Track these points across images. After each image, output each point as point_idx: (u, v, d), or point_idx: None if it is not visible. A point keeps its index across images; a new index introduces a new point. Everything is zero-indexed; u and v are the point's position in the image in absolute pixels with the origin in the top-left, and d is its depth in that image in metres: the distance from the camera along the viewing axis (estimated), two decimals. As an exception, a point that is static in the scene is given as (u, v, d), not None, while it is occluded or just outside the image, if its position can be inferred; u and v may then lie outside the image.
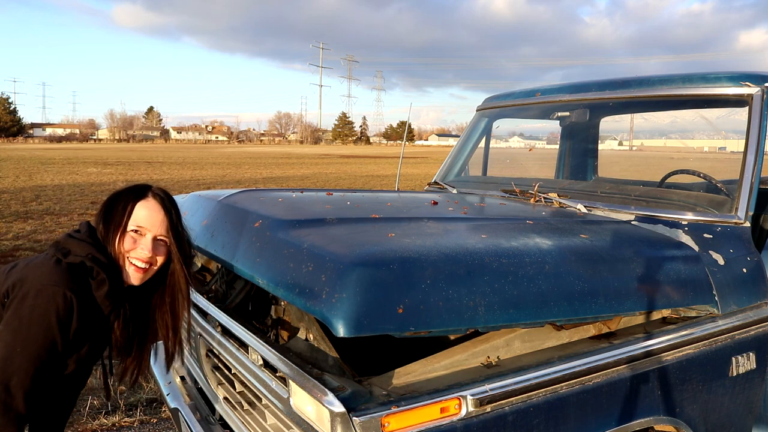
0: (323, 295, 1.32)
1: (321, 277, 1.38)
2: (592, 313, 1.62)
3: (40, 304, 1.39)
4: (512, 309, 1.46)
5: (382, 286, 1.33)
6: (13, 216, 10.22)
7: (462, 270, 1.45)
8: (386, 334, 1.32)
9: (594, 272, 1.67)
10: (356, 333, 1.26)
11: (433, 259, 1.45)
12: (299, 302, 1.39)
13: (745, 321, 1.93)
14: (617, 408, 1.62)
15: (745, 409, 1.99)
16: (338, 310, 1.27)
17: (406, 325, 1.31)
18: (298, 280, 1.43)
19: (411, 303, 1.33)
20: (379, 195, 2.65)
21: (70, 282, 1.43)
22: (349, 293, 1.30)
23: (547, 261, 1.61)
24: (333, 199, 2.30)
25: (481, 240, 1.63)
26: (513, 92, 3.40)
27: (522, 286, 1.50)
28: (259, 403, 1.70)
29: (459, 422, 1.35)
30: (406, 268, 1.39)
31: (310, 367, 1.48)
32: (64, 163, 28.09)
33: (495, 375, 1.44)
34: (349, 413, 1.26)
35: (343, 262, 1.38)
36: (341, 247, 1.49)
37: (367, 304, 1.29)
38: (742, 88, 2.24)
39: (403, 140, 4.21)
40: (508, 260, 1.54)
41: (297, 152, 58.11)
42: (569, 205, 2.49)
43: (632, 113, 3.40)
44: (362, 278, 1.33)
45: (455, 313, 1.37)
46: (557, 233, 1.82)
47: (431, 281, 1.38)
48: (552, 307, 1.53)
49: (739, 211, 2.10)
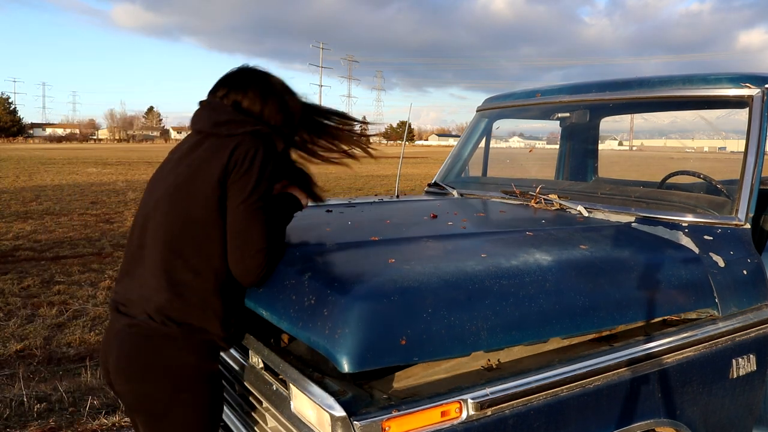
0: (326, 331, 1.33)
1: (323, 311, 1.38)
2: (594, 327, 1.62)
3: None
4: (514, 330, 1.47)
5: (384, 319, 1.33)
6: (13, 216, 10.23)
7: (463, 296, 1.45)
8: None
9: (595, 285, 1.67)
10: (361, 368, 1.27)
11: (433, 286, 1.46)
12: (303, 336, 1.40)
13: (745, 323, 1.93)
14: (618, 411, 1.62)
15: (745, 410, 1.99)
16: (342, 346, 1.28)
17: (410, 355, 1.32)
18: (300, 314, 1.44)
19: (413, 333, 1.34)
20: (379, 208, 2.64)
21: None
22: (351, 329, 1.30)
23: (548, 279, 1.61)
24: (332, 218, 2.30)
25: (481, 260, 1.63)
26: (513, 93, 3.40)
27: (523, 307, 1.51)
28: (260, 406, 1.70)
29: (460, 426, 1.35)
30: (407, 299, 1.39)
31: (310, 370, 1.48)
32: (64, 163, 28.10)
33: (495, 378, 1.44)
34: (349, 417, 1.26)
35: (345, 296, 1.38)
36: (342, 279, 1.49)
37: (370, 338, 1.30)
38: (742, 89, 2.24)
39: (403, 140, 4.21)
40: (508, 281, 1.55)
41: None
42: (569, 207, 2.49)
43: (632, 114, 3.40)
44: (364, 313, 1.33)
45: (458, 339, 1.38)
46: (557, 246, 1.82)
47: (433, 310, 1.39)
48: (554, 324, 1.53)
49: (739, 213, 2.10)
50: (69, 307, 5.18)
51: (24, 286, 5.78)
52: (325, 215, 2.36)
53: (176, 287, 1.53)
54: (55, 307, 5.14)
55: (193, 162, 1.59)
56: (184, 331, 1.53)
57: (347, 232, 2.04)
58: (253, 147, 1.55)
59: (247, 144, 1.56)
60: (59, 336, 4.47)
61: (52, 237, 8.33)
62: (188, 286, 1.53)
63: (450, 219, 2.30)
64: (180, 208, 1.55)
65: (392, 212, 2.48)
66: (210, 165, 1.55)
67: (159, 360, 1.52)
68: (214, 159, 1.55)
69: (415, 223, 2.22)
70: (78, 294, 5.57)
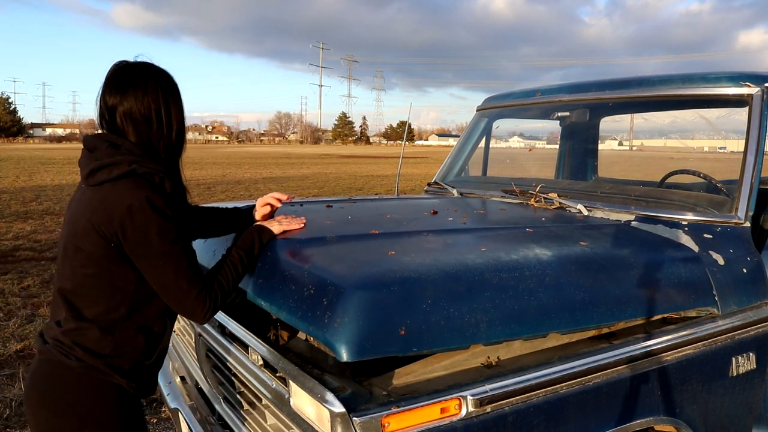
0: (325, 320, 1.33)
1: (322, 300, 1.38)
2: (593, 323, 1.62)
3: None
4: (514, 323, 1.47)
5: (383, 309, 1.33)
6: (13, 216, 10.22)
7: (462, 287, 1.46)
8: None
9: (595, 281, 1.67)
10: (359, 357, 1.27)
11: (433, 277, 1.46)
12: (302, 326, 1.40)
13: (745, 321, 1.93)
14: (617, 408, 1.62)
15: (745, 409, 1.99)
16: (341, 335, 1.28)
17: (409, 346, 1.32)
18: (300, 304, 1.44)
19: (413, 324, 1.34)
20: (379, 204, 2.64)
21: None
22: (350, 317, 1.30)
23: (548, 273, 1.61)
24: (332, 213, 2.30)
25: (481, 254, 1.64)
26: (513, 92, 3.40)
27: (523, 300, 1.51)
28: (259, 403, 1.70)
29: (459, 422, 1.35)
30: (407, 289, 1.39)
31: (310, 367, 1.48)
32: (64, 163, 28.09)
33: (495, 375, 1.45)
34: (349, 413, 1.27)
35: (344, 285, 1.38)
36: (342, 269, 1.49)
37: (369, 327, 1.30)
38: (742, 88, 2.24)
39: (403, 140, 4.21)
40: (508, 274, 1.55)
41: (297, 152, 58.14)
42: (569, 206, 2.49)
43: (632, 113, 3.40)
44: (363, 302, 1.33)
45: (457, 331, 1.38)
46: (557, 242, 1.83)
47: (432, 301, 1.39)
48: (553, 319, 1.53)
49: (739, 212, 2.10)
50: (69, 306, 5.18)
51: (24, 286, 5.77)
52: (326, 210, 2.36)
53: (79, 320, 1.43)
54: (54, 306, 5.14)
55: (75, 216, 1.43)
56: (83, 366, 1.42)
57: (347, 225, 2.04)
58: (137, 195, 1.36)
59: (127, 193, 1.36)
60: (59, 335, 4.47)
61: (52, 237, 8.33)
62: (91, 321, 1.43)
63: (450, 215, 2.31)
64: (76, 262, 1.42)
65: (392, 208, 2.49)
66: (91, 225, 1.38)
67: (60, 393, 1.41)
68: (95, 216, 1.38)
69: (415, 218, 2.22)
70: (78, 293, 5.57)
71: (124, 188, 1.38)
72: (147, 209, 1.36)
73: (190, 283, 1.42)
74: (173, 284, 1.41)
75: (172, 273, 1.40)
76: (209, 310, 1.44)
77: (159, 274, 1.40)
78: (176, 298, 1.43)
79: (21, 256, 7.08)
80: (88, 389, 1.43)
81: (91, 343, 1.43)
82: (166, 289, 1.42)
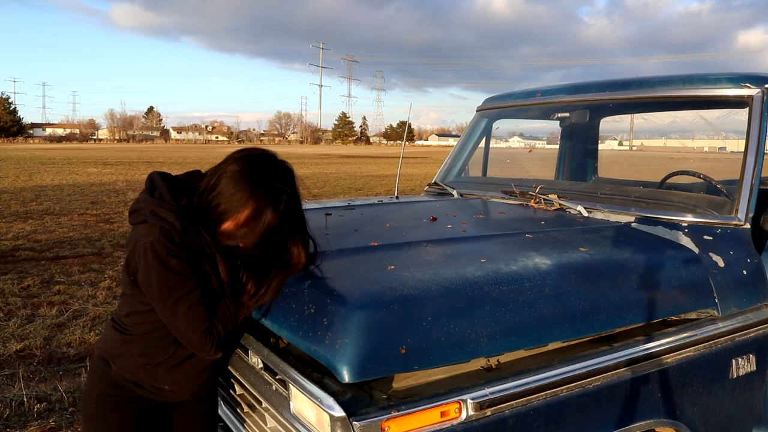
0: (326, 340, 1.33)
1: (323, 320, 1.38)
2: (594, 331, 1.62)
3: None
4: (514, 336, 1.47)
5: (383, 329, 1.34)
6: (13, 216, 10.22)
7: (462, 302, 1.46)
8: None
9: (595, 288, 1.67)
10: (361, 378, 1.28)
11: (433, 294, 1.46)
12: (303, 345, 1.41)
13: (745, 323, 1.93)
14: (617, 411, 1.62)
15: (745, 410, 1.99)
16: (342, 356, 1.29)
17: (410, 364, 1.33)
18: (300, 323, 1.44)
19: (413, 342, 1.34)
20: (379, 210, 2.63)
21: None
22: (351, 338, 1.31)
23: (548, 283, 1.61)
24: (331, 222, 2.30)
25: (480, 266, 1.63)
26: (513, 93, 3.40)
27: (523, 312, 1.51)
28: (259, 406, 1.70)
29: (459, 426, 1.35)
30: (407, 308, 1.39)
31: (310, 370, 1.48)
32: (64, 163, 28.10)
33: (495, 378, 1.44)
34: (349, 417, 1.26)
35: (344, 306, 1.39)
36: (341, 287, 1.49)
37: (370, 348, 1.30)
38: (742, 89, 2.24)
39: (403, 140, 4.20)
40: (508, 287, 1.55)
41: (297, 152, 58.11)
42: (569, 207, 2.49)
43: (632, 114, 3.40)
44: (364, 322, 1.33)
45: (458, 346, 1.38)
46: (557, 248, 1.82)
47: (432, 318, 1.39)
48: (554, 329, 1.53)
49: (739, 213, 2.10)
50: (69, 307, 5.18)
51: (24, 286, 5.77)
52: (325, 219, 2.36)
53: (113, 326, 1.64)
54: (55, 307, 5.14)
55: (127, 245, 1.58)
56: (96, 362, 1.64)
57: (347, 237, 2.04)
58: (145, 240, 1.46)
59: (142, 236, 1.47)
60: (59, 336, 4.46)
61: (52, 237, 8.33)
62: (121, 325, 1.62)
63: (449, 221, 2.30)
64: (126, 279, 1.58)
65: (392, 215, 2.48)
66: (128, 257, 1.52)
67: (87, 385, 1.67)
68: (127, 250, 1.53)
69: (414, 226, 2.22)
70: (78, 294, 5.56)
71: (141, 231, 1.50)
72: (150, 255, 1.45)
73: (189, 325, 1.49)
74: (173, 324, 1.51)
75: (170, 316, 1.50)
76: (212, 348, 1.52)
77: (161, 314, 1.52)
78: (180, 336, 1.53)
79: (21, 256, 7.08)
80: (94, 381, 1.65)
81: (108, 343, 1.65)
82: (170, 327, 1.53)
